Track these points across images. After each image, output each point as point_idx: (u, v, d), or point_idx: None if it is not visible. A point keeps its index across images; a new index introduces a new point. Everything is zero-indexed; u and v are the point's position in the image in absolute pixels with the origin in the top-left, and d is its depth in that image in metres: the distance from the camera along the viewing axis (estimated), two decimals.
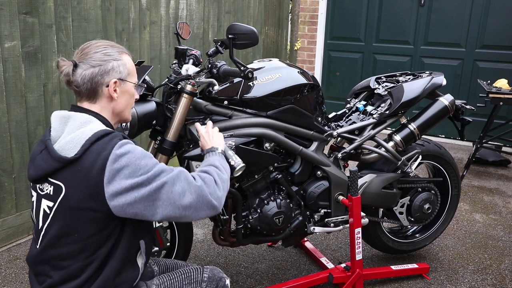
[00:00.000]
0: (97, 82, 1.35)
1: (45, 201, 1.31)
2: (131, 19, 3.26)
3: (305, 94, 2.09)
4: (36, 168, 1.32)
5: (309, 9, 5.73)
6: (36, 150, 1.35)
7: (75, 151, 1.25)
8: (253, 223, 2.08)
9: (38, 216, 1.34)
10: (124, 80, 1.44)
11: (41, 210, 1.33)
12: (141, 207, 1.26)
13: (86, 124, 1.31)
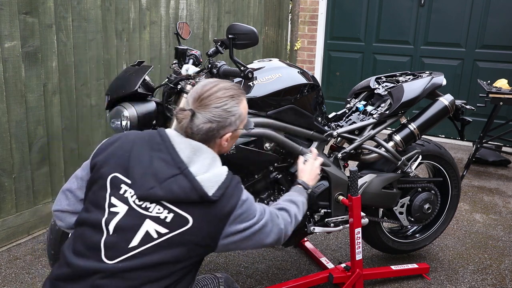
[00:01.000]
0: (213, 135, 1.36)
1: (153, 224, 1.25)
2: (131, 19, 3.26)
3: (305, 94, 2.09)
4: (164, 190, 1.25)
5: (309, 9, 5.73)
6: (143, 154, 1.30)
7: (213, 191, 1.25)
8: None
9: (127, 231, 1.26)
10: (237, 129, 1.43)
11: (140, 230, 1.25)
12: (239, 245, 1.34)
13: (216, 162, 1.33)
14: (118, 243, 1.25)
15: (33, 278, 2.38)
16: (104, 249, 1.25)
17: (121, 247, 1.25)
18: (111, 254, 1.24)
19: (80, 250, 1.28)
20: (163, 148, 1.30)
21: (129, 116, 1.83)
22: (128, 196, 1.28)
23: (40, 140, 2.76)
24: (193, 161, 1.29)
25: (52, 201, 2.90)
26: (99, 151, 1.38)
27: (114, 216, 1.27)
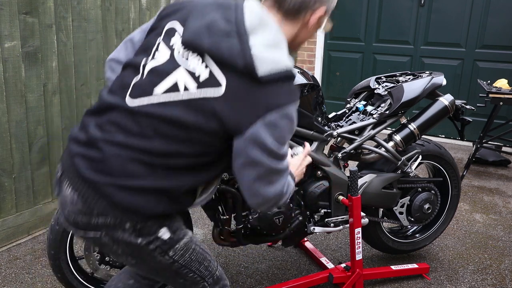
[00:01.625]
0: (306, 6, 1.24)
1: (186, 75, 1.18)
2: (131, 19, 3.26)
3: (305, 94, 2.09)
4: (211, 42, 1.14)
5: None
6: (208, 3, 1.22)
7: (262, 71, 1.12)
8: (253, 223, 2.08)
9: (158, 75, 1.21)
10: (327, 15, 1.31)
11: (171, 77, 1.19)
12: (247, 170, 1.21)
13: (282, 48, 1.17)
14: (146, 84, 1.22)
15: (33, 278, 2.38)
16: (131, 89, 1.23)
17: (146, 89, 1.21)
18: (135, 93, 1.22)
19: (113, 88, 1.28)
20: (232, 7, 1.20)
21: None
22: (175, 43, 1.22)
23: (40, 140, 2.76)
24: (256, 31, 1.15)
25: (52, 201, 2.90)
26: (167, 7, 1.37)
27: (154, 60, 1.24)
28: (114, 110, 1.23)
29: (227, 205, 2.10)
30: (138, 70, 1.26)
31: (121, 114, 1.22)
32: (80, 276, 2.01)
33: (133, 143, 1.19)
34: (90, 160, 1.20)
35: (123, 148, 1.19)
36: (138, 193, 1.19)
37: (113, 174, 1.18)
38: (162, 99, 1.19)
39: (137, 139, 1.19)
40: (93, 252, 1.98)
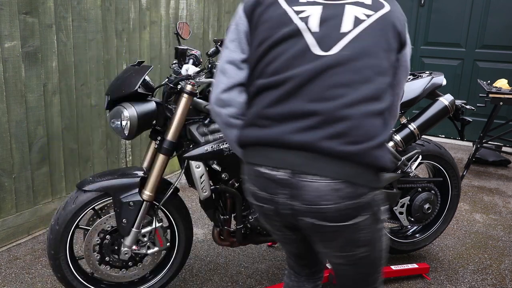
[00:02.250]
0: None
1: (356, 7, 1.21)
2: (131, 19, 3.26)
3: None
4: None
5: None
6: None
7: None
8: (253, 223, 2.08)
9: (332, 19, 1.20)
10: None
11: (346, 15, 1.20)
12: (400, 77, 1.33)
13: None
14: (328, 33, 1.19)
15: (33, 278, 2.38)
16: (317, 44, 1.18)
17: (333, 35, 1.19)
18: (325, 44, 1.18)
19: (281, 67, 1.20)
20: None
21: (129, 116, 1.83)
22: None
23: (40, 140, 2.76)
24: None
25: (52, 201, 2.90)
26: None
27: (309, 17, 1.21)
28: (321, 75, 1.16)
29: (227, 205, 2.10)
30: (298, 35, 1.20)
31: (332, 71, 1.15)
32: (80, 276, 2.01)
33: (365, 93, 1.15)
34: (338, 135, 1.12)
35: (361, 103, 1.14)
36: (382, 148, 1.18)
37: (368, 137, 1.13)
38: (355, 33, 1.18)
39: (365, 86, 1.15)
40: (93, 252, 1.98)
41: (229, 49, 1.32)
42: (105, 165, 3.25)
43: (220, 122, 1.36)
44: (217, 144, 1.91)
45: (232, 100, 1.31)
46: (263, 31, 1.25)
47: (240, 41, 1.30)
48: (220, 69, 1.32)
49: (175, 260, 2.18)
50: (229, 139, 1.38)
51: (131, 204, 1.91)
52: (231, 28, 1.33)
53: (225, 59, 1.32)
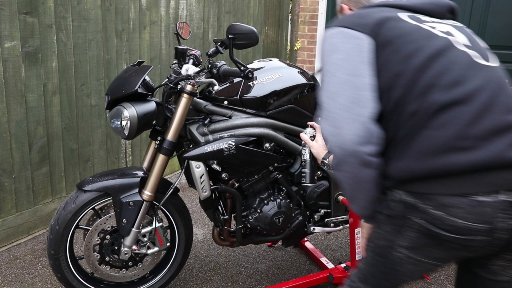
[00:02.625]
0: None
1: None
2: (131, 19, 3.26)
3: (305, 94, 2.09)
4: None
5: (309, 9, 5.73)
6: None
7: None
8: (253, 223, 2.08)
9: (470, 37, 1.23)
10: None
11: (469, 31, 1.24)
12: None
13: None
14: (476, 45, 1.22)
15: (33, 278, 2.38)
16: (480, 55, 1.19)
17: (480, 47, 1.24)
18: (484, 55, 1.21)
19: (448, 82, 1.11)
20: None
21: (129, 116, 1.83)
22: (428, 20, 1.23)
23: (40, 140, 2.76)
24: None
25: (52, 201, 2.90)
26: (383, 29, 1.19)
27: (450, 32, 1.21)
28: (501, 85, 1.15)
29: (227, 205, 2.10)
30: (453, 47, 1.17)
31: (505, 82, 1.16)
32: (80, 276, 2.01)
33: None
34: None
35: None
36: None
37: None
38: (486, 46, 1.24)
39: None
40: (93, 252, 1.98)
41: (355, 75, 1.15)
42: (105, 165, 3.25)
43: (354, 163, 1.12)
44: (217, 144, 1.91)
45: (373, 135, 1.11)
46: (405, 44, 1.15)
47: (369, 63, 1.16)
48: (351, 99, 1.12)
49: (175, 260, 2.18)
50: (362, 180, 1.15)
51: (131, 204, 1.91)
52: (345, 54, 1.18)
53: (355, 86, 1.13)
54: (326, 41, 1.24)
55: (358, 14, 1.24)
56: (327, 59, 1.22)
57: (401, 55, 1.14)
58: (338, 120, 1.12)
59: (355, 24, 1.20)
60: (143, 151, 3.58)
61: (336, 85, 1.16)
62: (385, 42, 1.17)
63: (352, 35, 1.19)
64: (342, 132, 1.11)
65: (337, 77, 1.16)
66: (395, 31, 1.17)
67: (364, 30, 1.19)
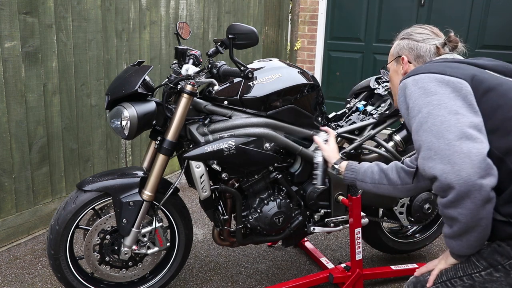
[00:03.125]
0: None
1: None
2: (131, 19, 3.26)
3: (305, 94, 2.09)
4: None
5: (309, 9, 5.73)
6: None
7: None
8: (253, 223, 2.08)
9: None
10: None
11: None
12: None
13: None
14: None
15: (33, 278, 2.38)
16: None
17: None
18: None
19: None
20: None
21: (129, 116, 1.83)
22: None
23: (40, 140, 2.76)
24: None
25: (52, 201, 2.90)
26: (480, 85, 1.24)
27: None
28: None
29: (227, 205, 2.10)
30: None
31: None
32: (80, 276, 2.01)
33: None
34: None
35: None
36: None
37: None
38: None
39: None
40: (93, 252, 1.98)
41: (459, 113, 1.17)
42: (105, 165, 3.25)
43: (478, 199, 1.09)
44: (217, 144, 1.91)
45: (492, 167, 1.11)
46: (507, 90, 1.24)
47: (471, 105, 1.20)
48: (461, 135, 1.13)
49: (175, 260, 2.18)
50: (482, 217, 1.13)
51: (131, 204, 1.91)
52: (444, 96, 1.21)
53: (463, 123, 1.15)
54: (414, 86, 1.27)
55: (445, 65, 1.28)
56: (420, 102, 1.23)
57: (509, 100, 1.18)
58: (451, 156, 1.11)
59: (451, 72, 1.24)
60: (143, 151, 3.58)
61: (438, 123, 1.16)
62: (486, 89, 1.20)
63: (449, 80, 1.22)
64: (460, 167, 1.09)
65: (440, 116, 1.16)
66: (491, 80, 1.22)
67: (463, 77, 1.22)
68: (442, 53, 1.46)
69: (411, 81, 1.29)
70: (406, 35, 1.55)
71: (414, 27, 1.56)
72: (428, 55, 1.47)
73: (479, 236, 1.17)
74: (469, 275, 1.25)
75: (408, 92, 1.28)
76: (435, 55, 1.47)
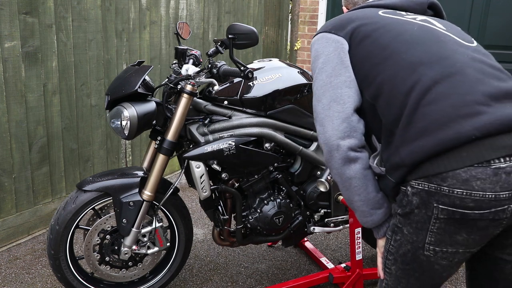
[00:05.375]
0: None
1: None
2: (131, 19, 3.26)
3: (305, 94, 2.09)
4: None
5: (309, 9, 5.73)
6: None
7: None
8: (253, 223, 2.08)
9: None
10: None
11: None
12: None
13: None
14: (457, 31, 1.26)
15: (33, 278, 2.38)
16: (457, 37, 1.21)
17: (461, 33, 1.26)
18: (464, 38, 1.23)
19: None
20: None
21: (129, 116, 1.83)
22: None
23: (40, 140, 2.76)
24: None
25: (52, 201, 2.90)
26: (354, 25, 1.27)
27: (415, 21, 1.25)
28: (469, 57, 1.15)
29: (227, 205, 2.10)
30: (430, 30, 1.22)
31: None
32: (80, 276, 2.01)
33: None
34: None
35: None
36: None
37: None
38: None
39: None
40: (93, 252, 1.98)
41: (333, 75, 1.24)
42: (105, 165, 3.25)
43: (338, 159, 1.19)
44: (217, 144, 1.91)
45: (355, 129, 1.19)
46: (384, 33, 1.23)
47: (345, 61, 1.26)
48: (331, 99, 1.22)
49: (175, 260, 2.18)
50: (349, 177, 1.20)
51: (131, 204, 1.91)
52: (325, 57, 1.27)
53: (333, 86, 1.23)
54: (312, 47, 1.33)
55: (339, 18, 1.32)
56: (313, 65, 1.31)
57: (381, 44, 1.20)
58: (322, 119, 1.22)
59: (335, 29, 1.29)
60: (143, 151, 3.58)
61: (319, 87, 1.26)
62: (362, 38, 1.23)
63: (332, 39, 1.28)
64: (326, 129, 1.20)
65: (320, 80, 1.26)
66: (371, 26, 1.24)
67: (345, 32, 1.27)
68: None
69: (312, 42, 1.36)
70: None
71: None
72: (361, 1, 1.51)
73: (361, 198, 1.21)
74: (386, 251, 1.25)
75: (311, 53, 1.36)
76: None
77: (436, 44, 1.16)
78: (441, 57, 1.13)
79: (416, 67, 1.12)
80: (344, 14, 1.35)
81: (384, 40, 1.20)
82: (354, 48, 1.24)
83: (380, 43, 1.20)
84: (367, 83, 1.21)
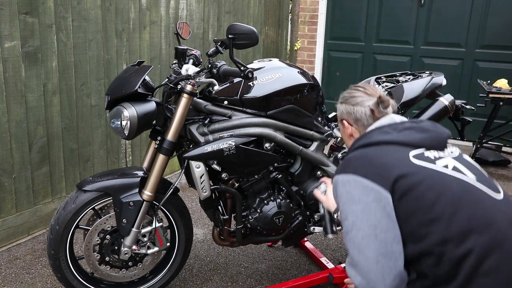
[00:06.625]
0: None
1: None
2: (131, 19, 3.26)
3: (305, 94, 2.09)
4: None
5: (309, 9, 5.73)
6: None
7: None
8: (253, 223, 2.08)
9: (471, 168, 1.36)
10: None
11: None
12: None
13: None
14: (484, 179, 1.33)
15: (33, 278, 2.38)
16: (488, 189, 1.29)
17: (487, 180, 1.34)
18: (492, 187, 1.31)
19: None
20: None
21: (129, 116, 1.83)
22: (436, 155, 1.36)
23: (40, 140, 2.76)
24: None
25: (52, 201, 2.90)
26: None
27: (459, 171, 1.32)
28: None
29: (227, 205, 2.10)
30: (467, 187, 1.28)
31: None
32: (80, 276, 2.01)
33: None
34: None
35: None
36: None
37: None
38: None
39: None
40: (93, 252, 1.98)
41: (379, 229, 1.27)
42: (105, 165, 3.25)
43: None
44: (217, 144, 1.91)
45: (404, 281, 1.26)
46: (426, 190, 1.27)
47: (390, 216, 1.28)
48: (380, 253, 1.24)
49: (175, 260, 2.18)
50: None
51: (131, 204, 1.91)
52: (365, 206, 1.29)
53: (381, 240, 1.25)
54: (342, 188, 1.33)
55: (369, 160, 1.32)
56: (347, 208, 1.30)
57: (426, 203, 1.23)
58: (368, 273, 1.22)
59: (372, 176, 1.28)
60: (143, 151, 3.58)
61: (361, 238, 1.25)
62: (404, 192, 1.24)
63: (370, 188, 1.27)
64: (374, 284, 1.21)
65: (361, 230, 1.25)
66: (412, 179, 1.25)
67: (384, 182, 1.26)
68: (377, 116, 1.51)
69: (341, 182, 1.35)
70: (343, 99, 1.61)
71: (349, 90, 1.63)
72: (365, 118, 1.53)
73: None
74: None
75: (338, 192, 1.36)
76: (371, 117, 1.52)
77: (478, 207, 1.22)
78: (487, 223, 1.20)
79: (466, 235, 1.18)
80: (370, 153, 1.36)
81: (428, 198, 1.23)
82: (397, 201, 1.25)
83: (425, 201, 1.23)
84: (413, 240, 1.24)
